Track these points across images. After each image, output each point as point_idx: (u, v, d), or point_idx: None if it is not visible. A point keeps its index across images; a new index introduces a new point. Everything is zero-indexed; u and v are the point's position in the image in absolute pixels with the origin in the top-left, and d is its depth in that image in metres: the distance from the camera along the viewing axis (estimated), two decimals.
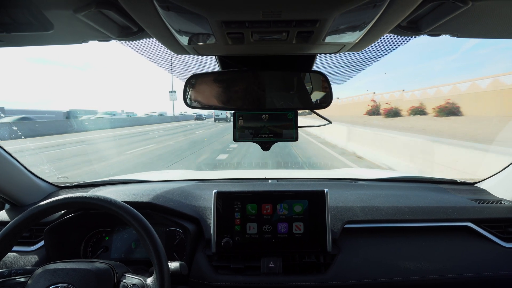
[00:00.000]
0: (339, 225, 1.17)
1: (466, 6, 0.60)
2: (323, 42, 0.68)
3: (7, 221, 1.26)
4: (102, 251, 1.26)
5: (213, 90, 0.94)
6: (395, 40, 0.84)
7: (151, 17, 0.56)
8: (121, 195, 1.28)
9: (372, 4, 0.50)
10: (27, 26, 0.67)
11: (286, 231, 1.14)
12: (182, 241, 1.25)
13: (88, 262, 0.89)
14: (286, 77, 0.94)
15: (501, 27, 0.77)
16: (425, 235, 1.20)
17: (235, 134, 0.94)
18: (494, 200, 1.31)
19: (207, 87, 0.94)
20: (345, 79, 1.32)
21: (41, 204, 0.88)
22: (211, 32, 0.61)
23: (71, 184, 1.56)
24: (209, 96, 0.94)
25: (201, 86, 0.94)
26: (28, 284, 0.83)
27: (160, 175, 1.85)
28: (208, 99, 0.94)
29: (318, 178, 1.65)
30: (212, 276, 1.09)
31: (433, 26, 0.71)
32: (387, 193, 1.35)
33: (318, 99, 0.93)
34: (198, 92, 0.94)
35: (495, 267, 1.13)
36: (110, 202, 0.88)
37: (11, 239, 0.86)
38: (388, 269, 1.10)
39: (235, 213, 1.16)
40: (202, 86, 0.94)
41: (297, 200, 1.16)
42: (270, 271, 1.10)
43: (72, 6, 0.61)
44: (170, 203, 1.24)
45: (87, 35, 0.80)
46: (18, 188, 1.30)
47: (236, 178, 1.63)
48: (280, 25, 0.57)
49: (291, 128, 0.93)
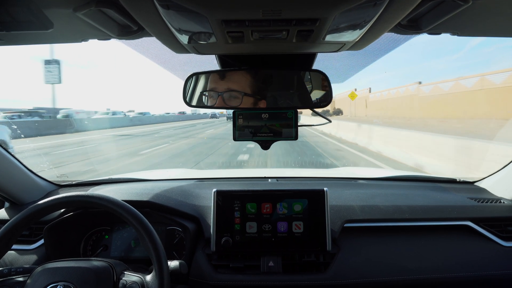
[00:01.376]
0: (339, 224, 1.18)
1: (467, 4, 0.60)
2: (323, 40, 0.68)
3: (6, 220, 1.26)
4: (101, 249, 1.26)
5: (213, 89, 0.94)
6: (395, 38, 0.84)
7: (151, 15, 0.56)
8: (120, 193, 1.28)
9: (372, 3, 0.50)
10: (27, 24, 0.67)
11: (285, 230, 1.15)
12: (181, 240, 1.25)
13: (87, 261, 0.89)
14: (286, 76, 0.94)
15: (501, 25, 0.77)
16: (425, 234, 1.20)
17: (235, 133, 0.94)
18: (493, 199, 1.31)
19: (207, 85, 0.94)
20: (345, 77, 1.32)
21: (41, 202, 0.88)
22: (211, 31, 0.61)
23: (70, 182, 1.56)
24: (209, 95, 0.94)
25: (200, 84, 0.94)
26: (27, 283, 0.83)
27: (160, 174, 1.85)
28: (208, 97, 0.94)
29: (318, 177, 1.65)
30: (212, 275, 1.09)
31: (433, 25, 0.71)
32: (386, 192, 1.35)
33: (318, 98, 0.93)
34: (198, 90, 0.94)
35: (494, 266, 1.13)
36: (110, 200, 0.88)
37: (11, 238, 0.86)
38: (387, 268, 1.11)
39: (234, 212, 1.16)
40: (202, 85, 0.94)
41: (296, 199, 1.16)
42: (269, 270, 1.10)
43: (72, 5, 0.61)
44: (170, 202, 1.24)
45: (87, 34, 0.80)
46: (17, 186, 1.30)
47: (236, 177, 1.63)
48: (280, 24, 0.57)
49: (290, 127, 0.93)
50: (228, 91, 0.92)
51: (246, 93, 0.92)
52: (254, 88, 0.92)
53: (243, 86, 0.92)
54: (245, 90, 0.92)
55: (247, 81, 0.92)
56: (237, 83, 0.92)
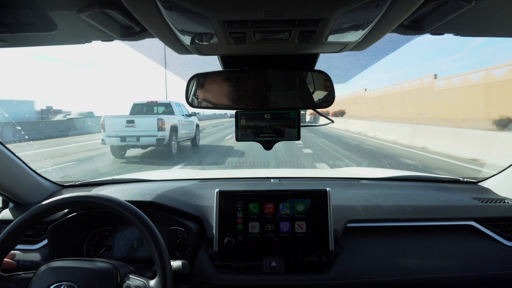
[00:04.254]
0: (342, 224, 1.17)
1: (470, 4, 0.59)
2: (325, 41, 0.68)
3: (10, 220, 1.27)
4: (104, 249, 1.26)
5: (215, 90, 0.94)
6: (397, 39, 0.84)
7: (154, 17, 0.56)
8: (124, 194, 1.29)
9: (375, 3, 0.50)
10: (31, 26, 0.67)
11: (288, 230, 1.15)
12: (184, 240, 1.26)
13: (91, 261, 0.89)
14: (288, 76, 0.94)
15: (504, 25, 0.77)
16: (428, 234, 1.20)
17: (237, 133, 0.94)
18: (497, 199, 1.31)
19: (209, 86, 0.94)
20: (348, 78, 1.32)
21: (45, 203, 0.88)
22: (213, 32, 0.61)
23: (74, 183, 1.57)
24: (212, 96, 0.94)
25: (203, 85, 0.94)
26: (32, 281, 0.84)
27: (163, 174, 1.86)
28: (211, 98, 0.94)
29: (321, 177, 1.65)
30: (214, 275, 1.09)
31: (436, 25, 0.71)
32: (389, 192, 1.35)
33: (320, 99, 0.93)
34: (200, 91, 0.94)
35: (498, 266, 1.12)
36: (113, 201, 0.89)
37: (15, 238, 0.87)
38: (390, 268, 1.10)
39: (237, 212, 1.16)
40: (204, 86, 0.94)
41: (299, 199, 1.16)
42: (272, 270, 1.10)
43: (75, 7, 0.61)
44: (173, 202, 1.24)
45: (90, 35, 0.80)
46: (21, 187, 1.31)
47: (238, 177, 1.64)
48: (283, 24, 0.57)
49: (293, 127, 0.93)
50: (219, 96, 0.93)
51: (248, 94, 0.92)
52: (255, 89, 0.92)
53: (237, 90, 0.92)
54: (248, 90, 0.92)
55: (247, 83, 0.92)
56: (228, 88, 0.93)
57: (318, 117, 21.20)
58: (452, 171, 6.52)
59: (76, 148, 10.46)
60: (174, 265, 0.92)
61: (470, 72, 18.77)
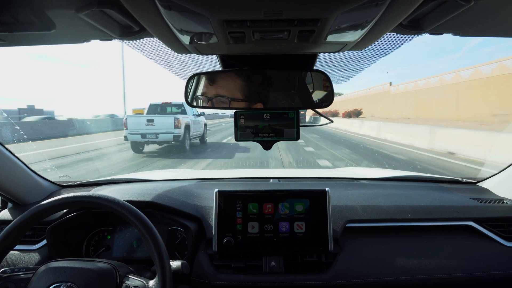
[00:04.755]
0: (341, 224, 1.17)
1: (468, 4, 0.59)
2: (324, 41, 0.67)
3: (9, 220, 1.27)
4: (104, 250, 1.26)
5: (214, 89, 0.94)
6: (396, 38, 0.84)
7: (153, 16, 0.56)
8: (123, 194, 1.29)
9: (374, 3, 0.50)
10: (29, 25, 0.67)
11: (287, 230, 1.15)
12: (183, 240, 1.26)
13: (90, 262, 0.89)
14: (288, 76, 0.94)
15: (503, 25, 0.77)
16: (427, 234, 1.20)
17: (236, 133, 0.94)
18: (496, 199, 1.31)
19: (208, 86, 0.94)
20: (347, 78, 1.32)
21: (44, 203, 0.88)
22: (212, 32, 0.61)
23: (73, 183, 1.57)
24: (211, 95, 0.94)
25: (202, 85, 0.94)
26: (31, 281, 0.84)
27: (162, 174, 1.85)
28: (210, 98, 0.94)
29: (320, 178, 1.65)
30: (214, 275, 1.09)
31: (435, 25, 0.71)
32: (388, 192, 1.35)
33: (319, 98, 0.93)
34: (199, 91, 0.94)
35: (497, 266, 1.12)
36: (112, 201, 0.89)
37: (14, 238, 0.87)
38: (390, 268, 1.10)
39: (236, 212, 1.16)
40: (203, 85, 0.94)
41: (298, 199, 1.16)
42: (271, 270, 1.10)
43: (74, 6, 0.61)
44: (172, 202, 1.24)
45: (89, 35, 0.80)
46: (20, 187, 1.31)
47: (238, 177, 1.64)
48: (282, 24, 0.57)
49: (292, 127, 0.93)
50: (218, 96, 0.92)
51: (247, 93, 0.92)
52: (254, 89, 0.92)
53: (236, 90, 0.92)
54: (247, 90, 0.92)
55: (246, 83, 0.92)
56: (227, 88, 0.92)
57: (318, 117, 21.05)
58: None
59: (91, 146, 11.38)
60: (174, 265, 0.92)
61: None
